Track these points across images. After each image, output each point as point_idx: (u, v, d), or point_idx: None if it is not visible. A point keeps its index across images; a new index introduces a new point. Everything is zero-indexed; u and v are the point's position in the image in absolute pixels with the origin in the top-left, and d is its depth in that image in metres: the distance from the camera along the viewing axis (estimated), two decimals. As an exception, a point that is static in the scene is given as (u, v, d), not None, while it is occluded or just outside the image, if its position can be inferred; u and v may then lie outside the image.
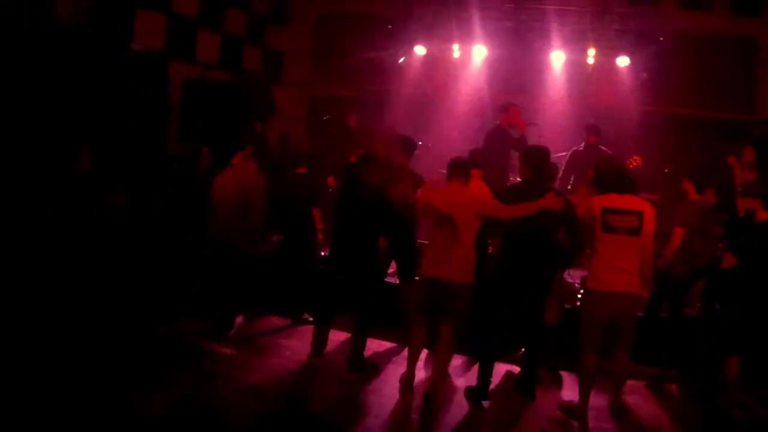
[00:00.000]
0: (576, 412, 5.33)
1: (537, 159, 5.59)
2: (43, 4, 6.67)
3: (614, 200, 5.17)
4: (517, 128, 8.42)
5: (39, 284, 5.74)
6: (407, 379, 5.54)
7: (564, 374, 6.14)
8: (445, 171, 5.64)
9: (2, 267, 5.65)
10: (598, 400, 5.51)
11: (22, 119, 6.24)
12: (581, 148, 8.46)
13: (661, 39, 10.28)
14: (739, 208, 5.98)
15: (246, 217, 6.10)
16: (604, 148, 8.28)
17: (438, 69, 11.28)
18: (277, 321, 7.01)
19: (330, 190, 7.58)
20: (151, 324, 6.25)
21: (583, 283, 5.47)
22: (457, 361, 6.13)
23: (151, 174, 7.38)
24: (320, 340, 6.06)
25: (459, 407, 5.42)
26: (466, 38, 10.47)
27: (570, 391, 5.64)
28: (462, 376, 6.07)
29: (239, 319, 6.70)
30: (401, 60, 10.90)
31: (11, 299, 5.51)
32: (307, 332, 6.43)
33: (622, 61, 10.35)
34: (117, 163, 6.95)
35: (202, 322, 6.29)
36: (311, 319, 6.76)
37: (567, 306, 6.40)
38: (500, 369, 6.06)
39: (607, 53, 10.29)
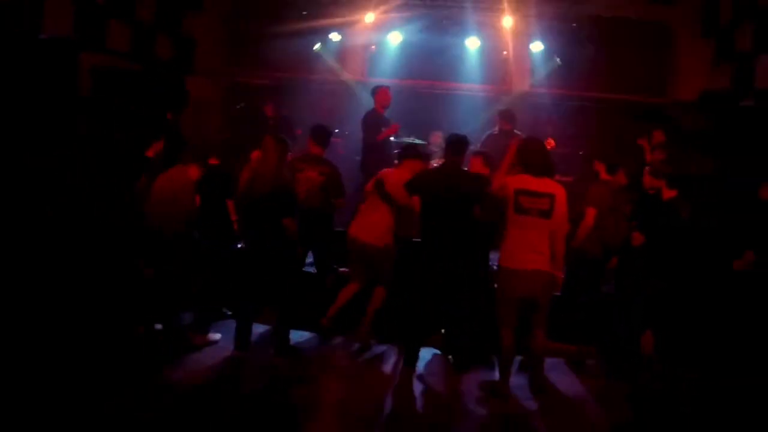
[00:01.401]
0: (497, 390, 5.41)
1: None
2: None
3: (528, 182, 5.21)
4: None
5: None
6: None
7: (485, 355, 6.19)
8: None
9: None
10: (519, 379, 5.63)
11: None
12: (495, 132, 8.54)
13: (575, 24, 10.50)
14: (646, 188, 6.14)
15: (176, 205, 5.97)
16: (518, 132, 8.37)
17: (354, 56, 11.24)
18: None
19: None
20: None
21: (498, 264, 5.51)
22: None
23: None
24: (243, 333, 5.96)
25: (384, 390, 5.44)
26: (381, 24, 10.44)
27: (491, 371, 5.68)
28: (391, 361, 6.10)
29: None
30: (316, 47, 10.80)
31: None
32: (225, 326, 6.33)
33: (537, 47, 10.52)
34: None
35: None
36: (230, 312, 6.65)
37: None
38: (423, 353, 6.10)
39: (522, 39, 10.44)
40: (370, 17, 10.44)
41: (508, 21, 10.25)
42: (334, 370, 5.79)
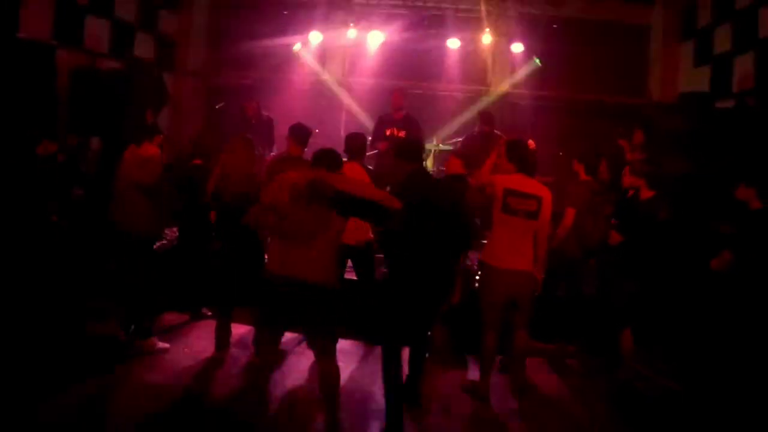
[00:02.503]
0: (479, 390, 5.40)
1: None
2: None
3: (518, 182, 5.18)
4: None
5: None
6: None
7: (466, 356, 6.20)
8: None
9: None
10: (500, 379, 5.63)
11: None
12: (475, 133, 8.56)
13: (555, 26, 10.55)
14: (625, 187, 6.18)
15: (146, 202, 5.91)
16: (498, 132, 8.39)
17: (334, 55, 11.22)
18: (174, 317, 6.72)
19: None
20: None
21: (480, 262, 5.47)
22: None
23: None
24: (223, 333, 5.95)
25: (364, 394, 5.41)
26: (362, 24, 10.42)
27: (472, 372, 5.68)
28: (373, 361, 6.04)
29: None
30: (296, 47, 10.75)
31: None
32: (205, 327, 6.31)
33: (517, 47, 10.55)
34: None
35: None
36: (210, 313, 6.63)
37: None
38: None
39: (502, 39, 10.47)
40: (352, 33, 10.46)
41: (487, 38, 10.31)
42: (314, 369, 5.75)
